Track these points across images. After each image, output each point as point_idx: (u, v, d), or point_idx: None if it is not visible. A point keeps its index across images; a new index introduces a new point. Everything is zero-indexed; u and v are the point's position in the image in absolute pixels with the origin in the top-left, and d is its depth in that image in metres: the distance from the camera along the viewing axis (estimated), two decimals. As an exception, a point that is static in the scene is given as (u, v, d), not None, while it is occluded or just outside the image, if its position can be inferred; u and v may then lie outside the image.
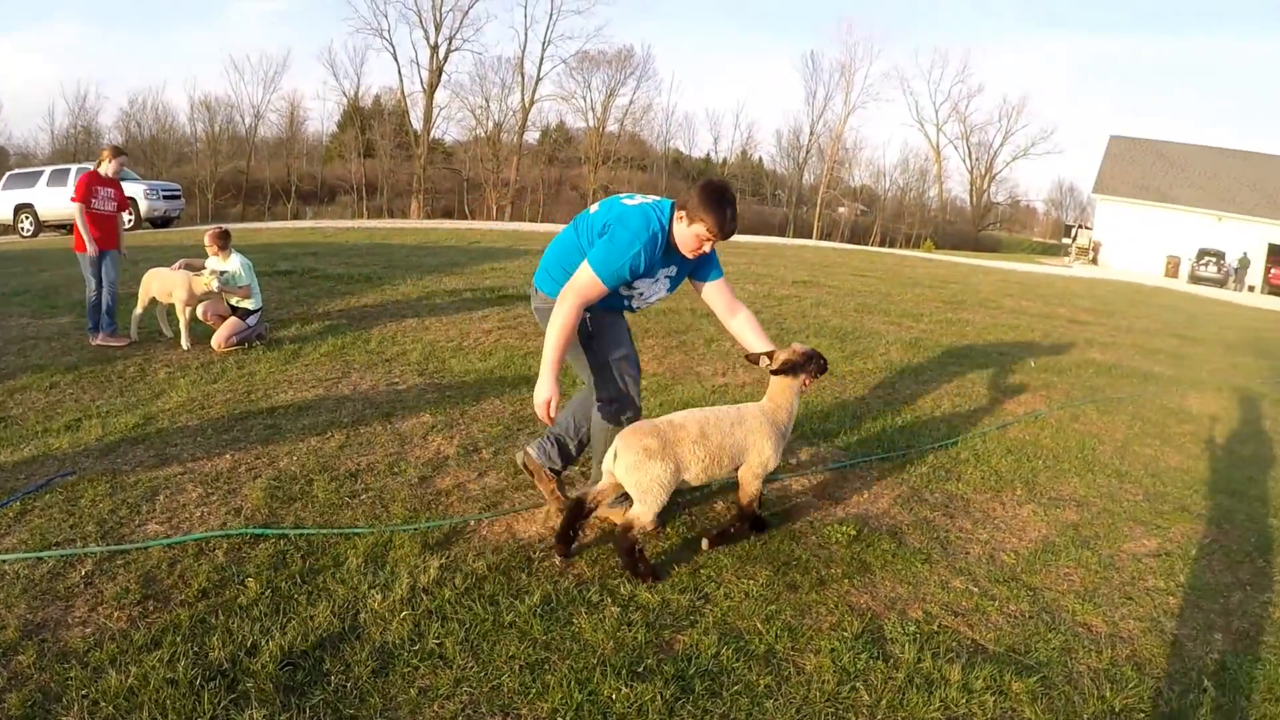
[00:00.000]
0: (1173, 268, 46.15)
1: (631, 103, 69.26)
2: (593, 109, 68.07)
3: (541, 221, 47.52)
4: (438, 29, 61.81)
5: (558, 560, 4.15)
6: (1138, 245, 48.12)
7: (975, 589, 4.20)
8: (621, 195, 4.17)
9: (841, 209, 78.03)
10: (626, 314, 4.43)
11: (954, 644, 3.71)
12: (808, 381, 4.32)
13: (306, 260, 14.00)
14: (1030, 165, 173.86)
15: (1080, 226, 55.11)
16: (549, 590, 3.82)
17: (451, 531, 4.42)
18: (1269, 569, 5.04)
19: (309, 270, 12.74)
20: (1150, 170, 52.45)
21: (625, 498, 4.08)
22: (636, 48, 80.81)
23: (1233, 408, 9.30)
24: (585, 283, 3.84)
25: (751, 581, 4.04)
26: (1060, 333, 12.83)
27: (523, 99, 65.26)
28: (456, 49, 63.16)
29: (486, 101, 65.20)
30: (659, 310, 10.46)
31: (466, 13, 62.84)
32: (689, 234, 3.96)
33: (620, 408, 4.27)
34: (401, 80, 64.48)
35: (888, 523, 4.89)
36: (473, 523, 4.54)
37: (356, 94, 66.01)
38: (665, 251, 4.04)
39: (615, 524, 4.14)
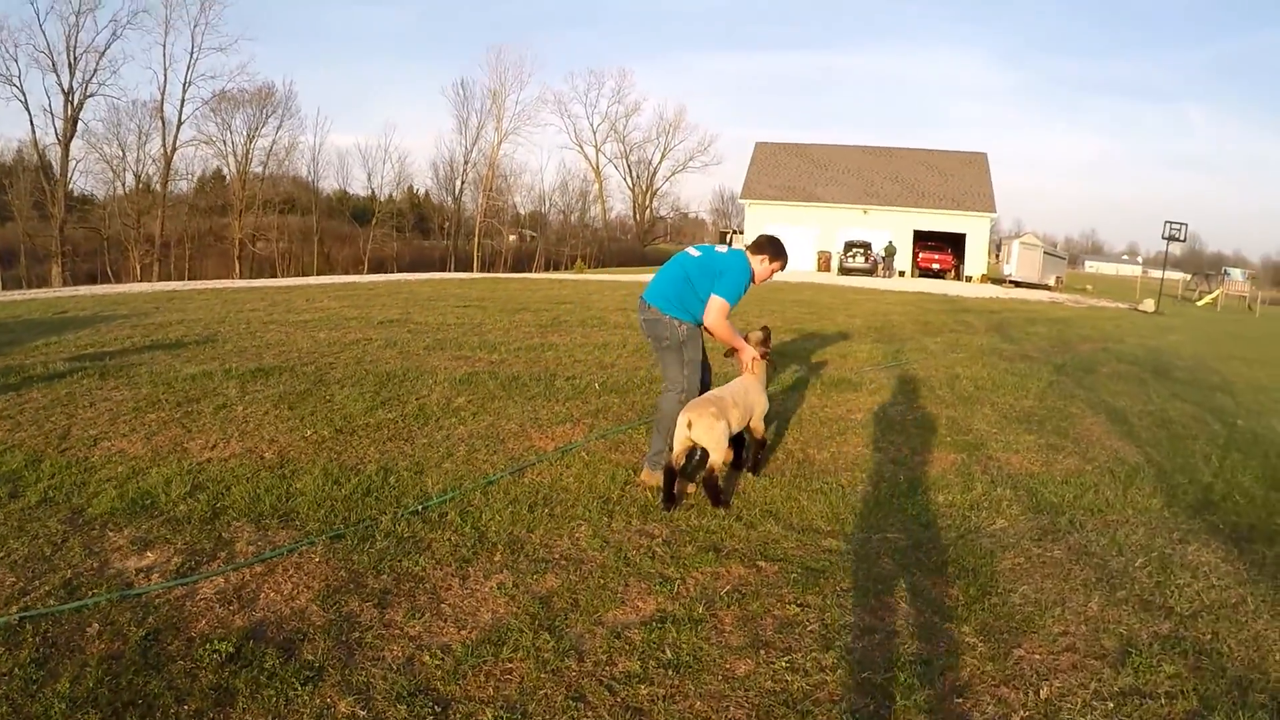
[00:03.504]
0: (824, 262, 49.00)
1: (274, 143, 65.79)
2: (234, 152, 64.09)
3: (189, 279, 43.73)
4: (72, 72, 55.62)
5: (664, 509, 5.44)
6: (789, 244, 50.28)
7: (363, 713, 3.36)
8: (708, 246, 6.31)
9: (513, 237, 78.14)
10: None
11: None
12: (767, 350, 6.54)
13: None
14: (692, 178, 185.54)
15: (734, 232, 57.46)
16: None
17: None
18: (803, 617, 4.15)
19: None
20: (796, 172, 55.63)
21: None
22: (278, 84, 76.88)
23: (820, 404, 8.67)
24: (721, 306, 5.81)
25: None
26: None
27: (164, 146, 60.11)
28: (92, 94, 56.92)
29: (123, 151, 59.45)
30: (190, 375, 9.14)
31: (103, 53, 56.22)
32: (768, 269, 6.14)
33: (686, 396, 5.84)
34: (35, 132, 57.70)
35: (290, 629, 3.98)
36: None
37: (-12, 148, 58.68)
38: None
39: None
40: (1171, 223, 33.93)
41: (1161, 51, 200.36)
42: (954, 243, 51.82)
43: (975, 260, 51.46)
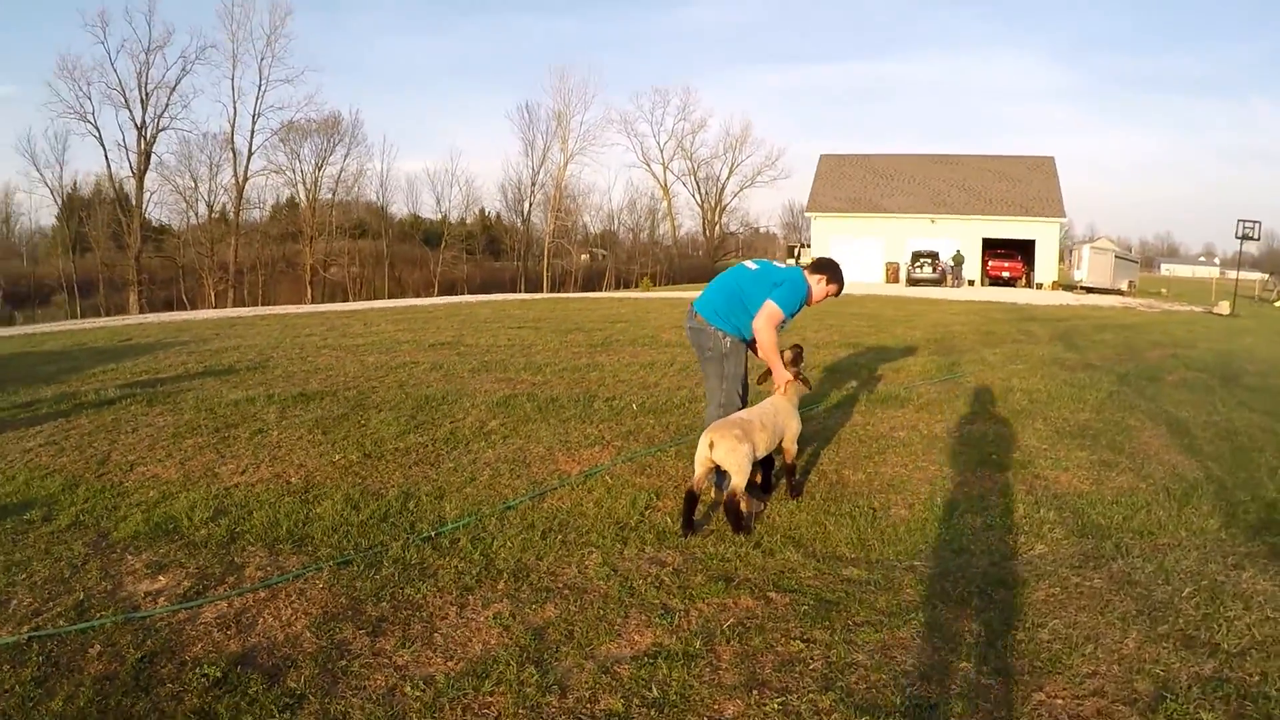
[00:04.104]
0: (893, 273, 48.34)
1: (342, 170, 68.08)
2: (303, 181, 66.50)
3: (263, 304, 44.69)
4: (144, 107, 58.21)
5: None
6: (857, 256, 50.22)
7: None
8: (767, 260, 6.27)
9: (585, 256, 78.74)
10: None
11: None
12: (799, 371, 6.17)
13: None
14: (761, 192, 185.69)
15: (802, 245, 56.97)
16: None
17: None
18: (807, 654, 3.86)
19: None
20: (861, 184, 55.09)
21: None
22: (344, 113, 78.89)
23: (863, 421, 8.33)
24: (773, 312, 5.74)
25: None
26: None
27: (235, 176, 62.53)
28: (164, 128, 59.60)
29: (195, 182, 62.18)
30: (233, 401, 9.22)
31: (173, 88, 59.04)
32: (823, 290, 6.12)
33: (724, 411, 5.78)
34: (109, 166, 60.23)
35: (280, 656, 3.92)
36: None
37: (62, 184, 61.93)
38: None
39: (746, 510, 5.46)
40: (1244, 221, 32.75)
41: (1226, 44, 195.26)
42: (1024, 249, 50.77)
43: (1046, 267, 50.38)
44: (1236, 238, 33.02)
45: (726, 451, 5.20)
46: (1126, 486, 6.40)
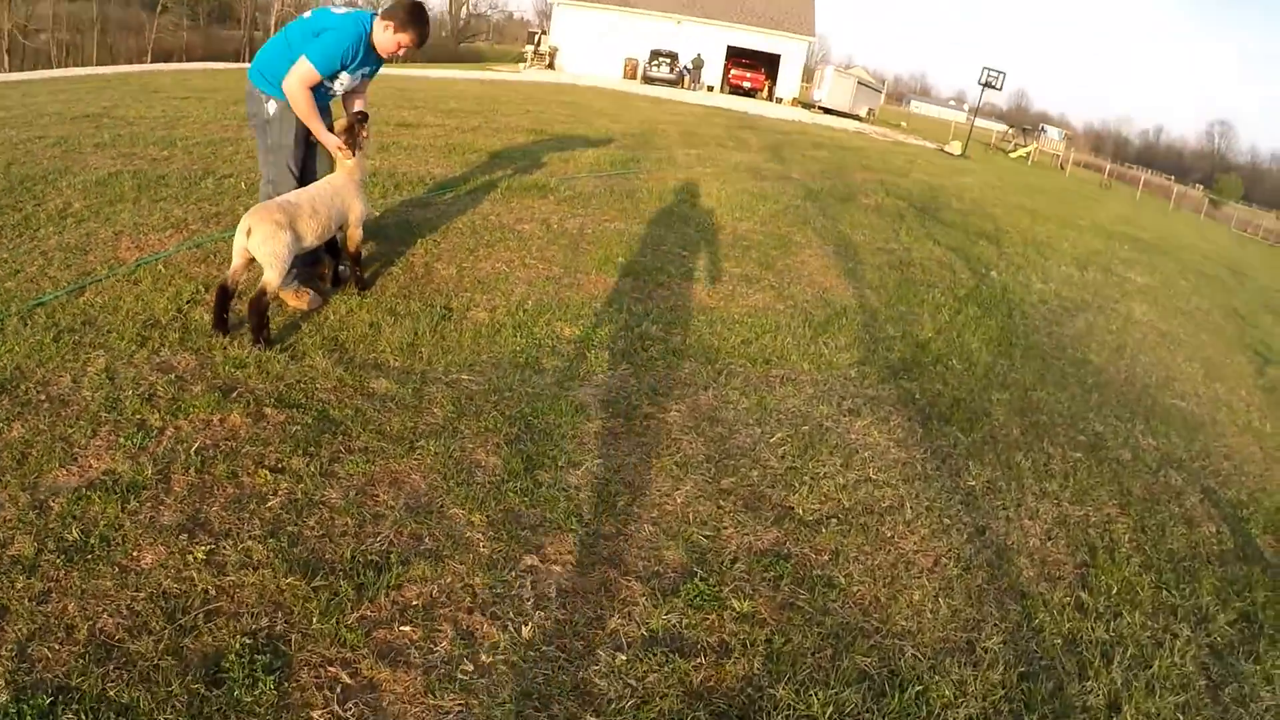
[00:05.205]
0: (631, 70, 47.47)
1: None
2: None
3: None
4: None
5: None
6: (597, 50, 48.97)
7: None
8: (330, 6, 5.34)
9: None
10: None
11: None
12: (365, 136, 5.40)
13: None
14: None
15: (542, 33, 55.05)
16: None
17: None
18: (270, 488, 3.32)
19: None
20: (612, -25, 53.04)
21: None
22: None
23: (490, 210, 7.61)
24: (305, 72, 4.92)
25: None
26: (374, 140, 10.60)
27: None
28: None
29: None
30: None
31: None
32: (392, 40, 5.15)
33: (275, 190, 5.19)
34: None
35: None
36: None
37: None
38: (365, 53, 5.16)
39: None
40: (990, 69, 34.10)
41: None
42: (770, 63, 50.81)
43: (789, 83, 50.64)
44: (979, 84, 34.35)
45: (262, 240, 4.59)
46: (761, 305, 6.04)
